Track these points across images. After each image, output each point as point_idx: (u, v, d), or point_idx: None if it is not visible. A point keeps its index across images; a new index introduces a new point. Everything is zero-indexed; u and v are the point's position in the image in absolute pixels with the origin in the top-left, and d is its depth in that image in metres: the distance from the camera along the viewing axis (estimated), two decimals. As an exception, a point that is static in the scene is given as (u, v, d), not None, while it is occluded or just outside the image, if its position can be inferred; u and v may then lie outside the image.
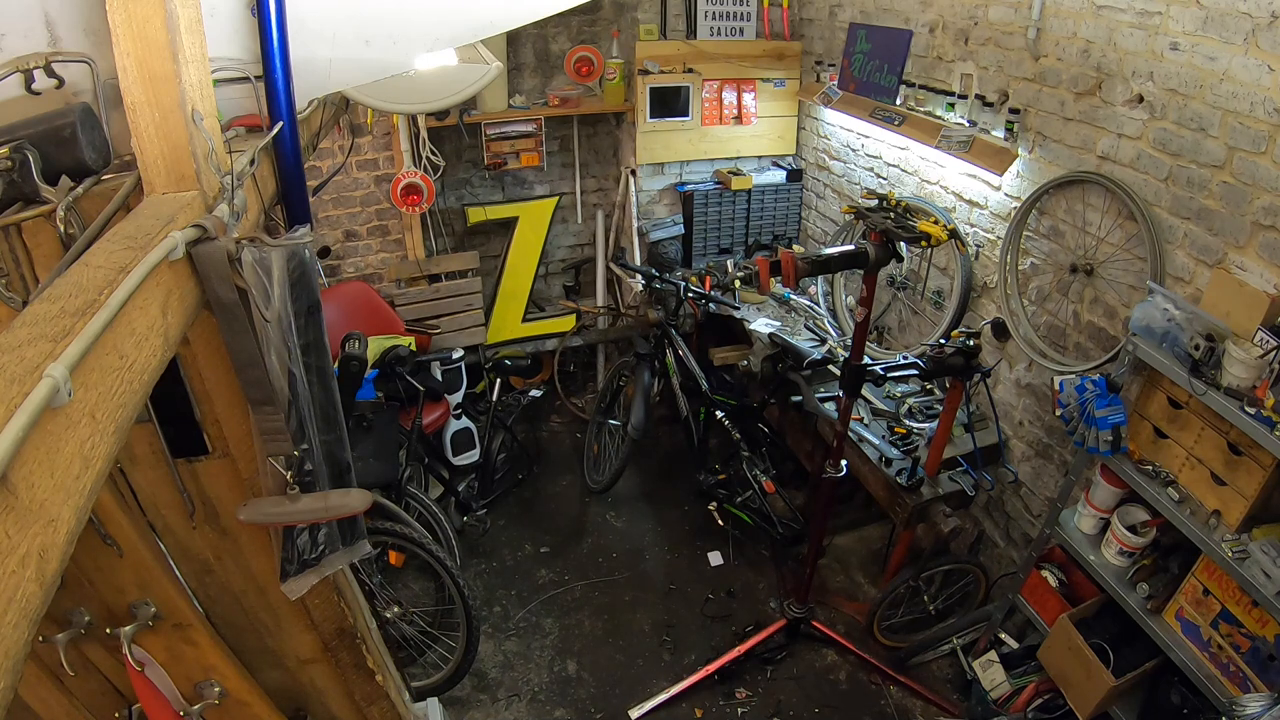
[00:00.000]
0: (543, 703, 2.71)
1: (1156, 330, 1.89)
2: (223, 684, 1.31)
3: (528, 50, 3.76)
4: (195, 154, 0.91)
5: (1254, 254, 1.86)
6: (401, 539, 2.54)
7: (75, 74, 1.01)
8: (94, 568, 1.10)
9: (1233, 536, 1.78)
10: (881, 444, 2.80)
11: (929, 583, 2.85)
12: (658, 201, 4.08)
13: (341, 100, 1.91)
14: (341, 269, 3.87)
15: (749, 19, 3.82)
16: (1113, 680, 2.03)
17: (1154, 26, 2.03)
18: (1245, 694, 1.74)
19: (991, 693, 2.52)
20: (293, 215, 1.31)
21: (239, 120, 1.23)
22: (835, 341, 3.37)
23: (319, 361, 1.08)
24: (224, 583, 1.37)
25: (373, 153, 3.69)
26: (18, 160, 0.85)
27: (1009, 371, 2.80)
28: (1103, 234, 2.31)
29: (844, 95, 3.35)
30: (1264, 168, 1.80)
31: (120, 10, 0.83)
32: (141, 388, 0.71)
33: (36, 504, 0.51)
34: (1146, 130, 2.11)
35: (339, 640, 1.54)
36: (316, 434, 1.11)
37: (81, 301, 0.63)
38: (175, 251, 0.79)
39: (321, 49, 1.27)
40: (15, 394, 0.51)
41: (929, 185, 3.09)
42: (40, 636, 1.08)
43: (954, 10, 2.79)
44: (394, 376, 2.95)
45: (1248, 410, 1.66)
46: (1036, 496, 2.74)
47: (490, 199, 4.02)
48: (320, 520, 1.17)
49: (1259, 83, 1.78)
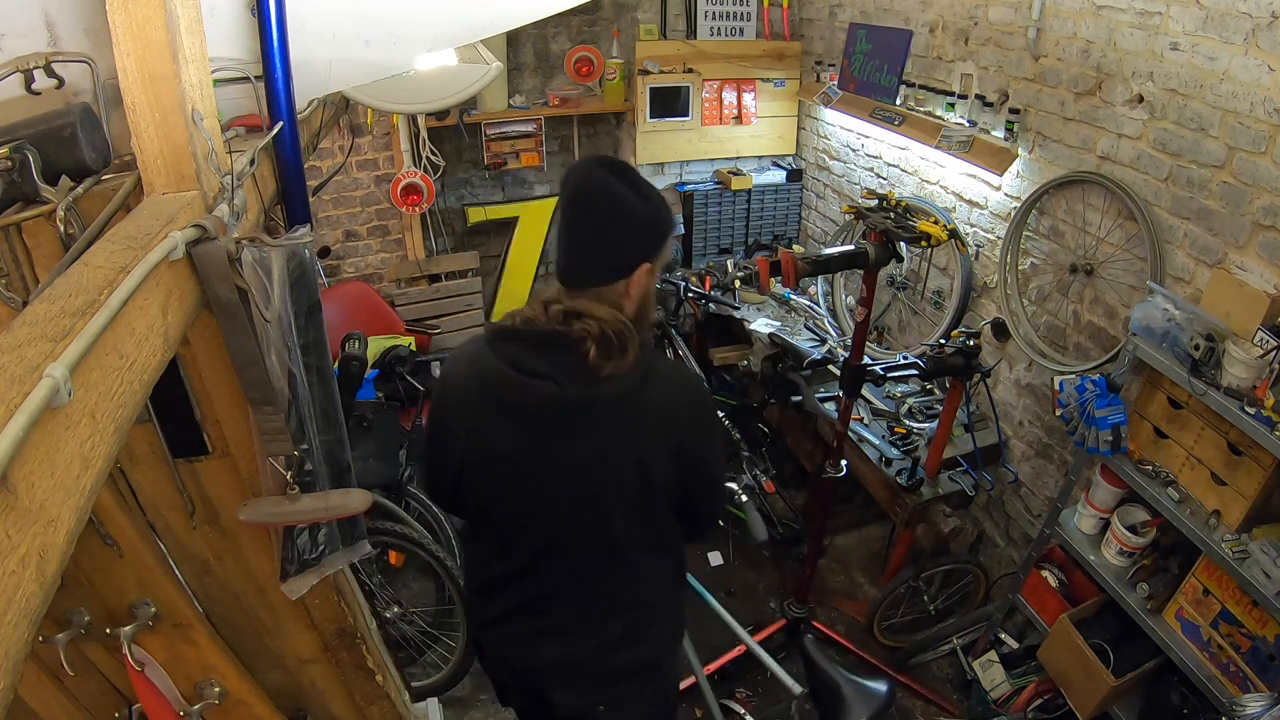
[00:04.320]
0: (543, 703, 2.71)
1: (1156, 330, 1.88)
2: (223, 684, 1.31)
3: (528, 50, 3.76)
4: (195, 154, 0.91)
5: (1254, 254, 1.86)
6: (401, 539, 2.53)
7: (75, 74, 1.01)
8: (94, 568, 1.10)
9: (1233, 536, 1.78)
10: (881, 444, 2.80)
11: (929, 583, 2.84)
12: (658, 201, 4.08)
13: (341, 100, 1.91)
14: (341, 269, 3.87)
15: (749, 19, 3.82)
16: (1113, 680, 2.03)
17: (1154, 26, 2.03)
18: (1245, 694, 1.74)
19: (991, 693, 2.52)
20: (293, 215, 1.31)
21: (239, 120, 1.23)
22: (835, 341, 3.37)
23: (319, 361, 1.07)
24: (224, 583, 1.37)
25: (373, 153, 3.69)
26: (18, 160, 0.85)
27: (1009, 371, 2.80)
28: (1103, 234, 2.31)
29: (844, 95, 3.35)
30: (1264, 168, 1.80)
31: (120, 10, 0.83)
32: (141, 388, 0.71)
33: (36, 504, 0.51)
34: (1146, 130, 2.11)
35: (339, 640, 1.53)
36: (316, 434, 1.11)
37: (81, 301, 0.63)
38: (175, 251, 0.79)
39: (321, 49, 1.27)
40: (15, 394, 0.51)
41: (929, 185, 3.09)
42: (40, 636, 1.08)
43: (954, 10, 2.79)
44: (394, 376, 2.95)
45: (1248, 410, 1.66)
46: (1036, 496, 2.74)
47: (490, 199, 4.02)
48: (320, 520, 1.17)
49: (1259, 83, 1.78)
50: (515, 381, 1.21)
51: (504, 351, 1.24)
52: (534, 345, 1.22)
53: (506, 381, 1.22)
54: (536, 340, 1.22)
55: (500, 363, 1.23)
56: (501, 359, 1.23)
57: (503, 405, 1.25)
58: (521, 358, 1.22)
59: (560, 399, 1.20)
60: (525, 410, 1.23)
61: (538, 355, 1.22)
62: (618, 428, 1.25)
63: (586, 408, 1.22)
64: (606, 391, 1.20)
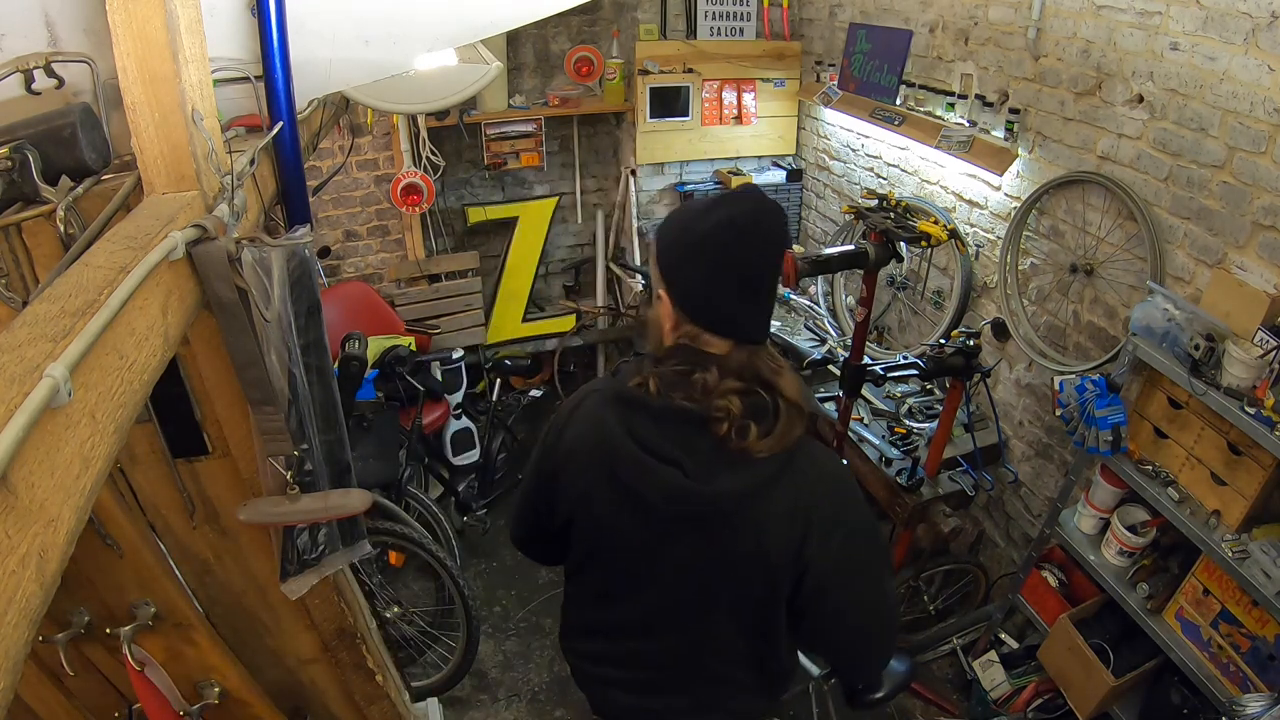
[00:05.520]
0: (543, 703, 2.71)
1: (1156, 330, 1.88)
2: (223, 684, 1.31)
3: (528, 50, 3.76)
4: (195, 154, 0.91)
5: (1254, 254, 1.86)
6: (401, 539, 2.54)
7: (75, 74, 1.01)
8: (94, 568, 1.10)
9: (1233, 536, 1.78)
10: (881, 444, 2.80)
11: (929, 583, 2.84)
12: (658, 201, 4.08)
13: (341, 100, 1.91)
14: (341, 269, 3.87)
15: (749, 19, 3.82)
16: (1113, 680, 2.03)
17: (1154, 26, 2.03)
18: (1245, 694, 1.74)
19: (991, 693, 2.52)
20: (293, 215, 1.31)
21: (239, 120, 1.23)
22: (835, 341, 3.37)
23: (319, 361, 1.08)
24: (224, 583, 1.37)
25: (373, 153, 3.69)
26: (18, 160, 0.85)
27: (1009, 371, 2.80)
28: (1103, 234, 2.31)
29: (844, 95, 3.35)
30: (1264, 168, 1.80)
31: (120, 10, 0.83)
32: (141, 388, 0.71)
33: (36, 504, 0.51)
34: (1146, 130, 2.11)
35: (339, 640, 1.54)
36: (316, 434, 1.11)
37: (81, 301, 0.63)
38: (175, 251, 0.79)
39: (321, 49, 1.27)
40: (15, 394, 0.51)
41: (929, 185, 3.09)
42: (40, 636, 1.08)
43: (954, 10, 2.79)
44: (394, 376, 2.95)
45: (1248, 410, 1.66)
46: (1036, 496, 2.74)
47: (490, 199, 4.02)
48: (320, 520, 1.17)
49: (1259, 83, 1.78)
50: (637, 462, 1.06)
51: (628, 420, 1.07)
52: (660, 418, 1.06)
53: (628, 459, 1.07)
54: (664, 414, 1.05)
55: (623, 433, 1.07)
56: (625, 429, 1.07)
57: (616, 480, 1.10)
58: (648, 433, 1.06)
59: (684, 491, 1.04)
60: (645, 496, 1.08)
61: (664, 431, 1.05)
62: (743, 527, 1.08)
63: (713, 502, 1.05)
64: (737, 484, 1.04)
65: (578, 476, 1.17)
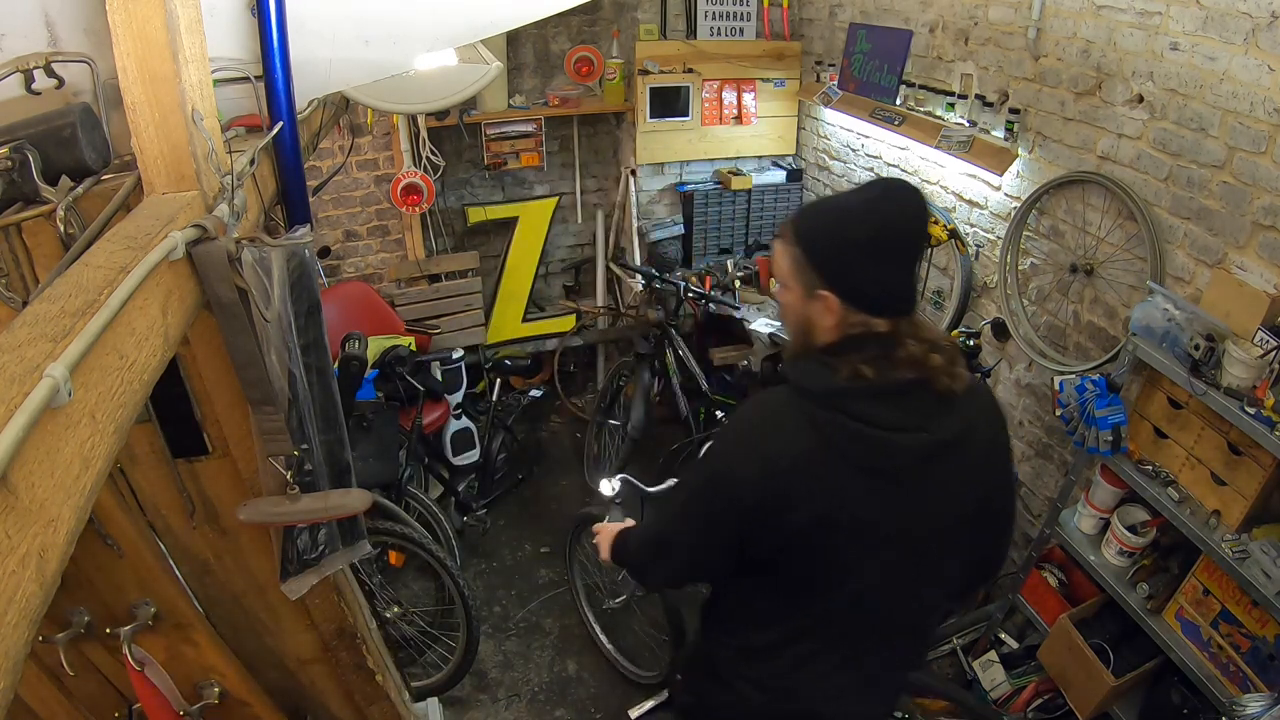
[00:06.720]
0: (543, 703, 2.71)
1: (1156, 330, 1.88)
2: (223, 684, 1.31)
3: (528, 50, 3.76)
4: (195, 154, 0.91)
5: (1254, 254, 1.86)
6: (401, 539, 2.53)
7: (75, 74, 1.01)
8: (94, 568, 1.10)
9: (1233, 536, 1.78)
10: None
11: (929, 583, 2.84)
12: (658, 201, 4.08)
13: (341, 100, 1.91)
14: (341, 269, 3.87)
15: (749, 19, 3.82)
16: (1113, 680, 2.03)
17: (1154, 26, 2.03)
18: (1245, 694, 1.74)
19: (991, 693, 2.52)
20: (293, 215, 1.31)
21: (239, 120, 1.23)
22: (835, 341, 3.37)
23: (319, 361, 1.08)
24: (224, 583, 1.37)
25: (373, 153, 3.69)
26: (18, 160, 0.85)
27: (1009, 371, 2.80)
28: (1103, 234, 2.31)
29: (844, 95, 3.35)
30: (1264, 168, 1.80)
31: (120, 10, 0.83)
32: (141, 388, 0.71)
33: (36, 504, 0.51)
34: (1146, 130, 2.11)
35: (339, 640, 1.54)
36: (316, 434, 1.11)
37: (81, 301, 0.63)
38: (175, 251, 0.79)
39: (321, 49, 1.27)
40: (15, 394, 0.51)
41: (929, 185, 3.09)
42: (40, 636, 1.08)
43: (954, 10, 2.79)
44: (394, 376, 2.95)
45: (1248, 410, 1.66)
46: (1036, 496, 2.74)
47: (490, 199, 4.02)
48: (320, 520, 1.17)
49: (1259, 83, 1.78)
50: (885, 443, 1.10)
51: (856, 411, 1.10)
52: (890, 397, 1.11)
53: (876, 445, 1.10)
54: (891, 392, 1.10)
55: (858, 426, 1.09)
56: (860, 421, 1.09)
57: (861, 472, 1.12)
58: (885, 413, 1.10)
59: (934, 445, 1.11)
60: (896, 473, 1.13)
61: (899, 405, 1.11)
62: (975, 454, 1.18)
63: (960, 442, 1.13)
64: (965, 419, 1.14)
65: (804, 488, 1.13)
